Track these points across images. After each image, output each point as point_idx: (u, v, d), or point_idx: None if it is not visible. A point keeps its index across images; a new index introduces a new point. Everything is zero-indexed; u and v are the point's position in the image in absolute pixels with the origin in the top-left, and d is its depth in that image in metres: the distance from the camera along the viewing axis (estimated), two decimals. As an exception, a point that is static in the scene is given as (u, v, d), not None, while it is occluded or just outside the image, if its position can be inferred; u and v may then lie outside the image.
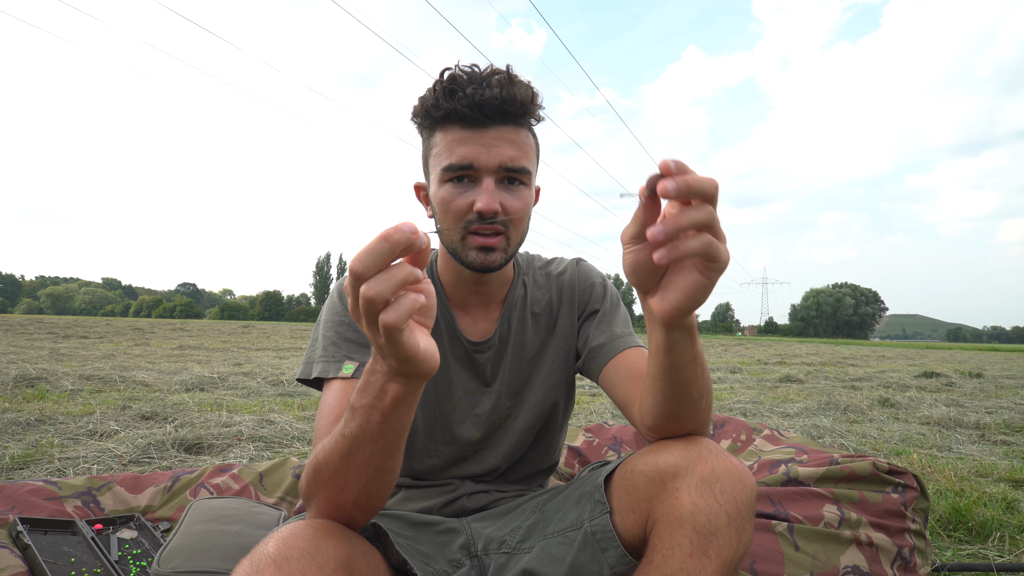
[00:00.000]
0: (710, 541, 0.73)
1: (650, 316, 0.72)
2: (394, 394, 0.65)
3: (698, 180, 0.58)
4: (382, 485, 0.75)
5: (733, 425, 2.21)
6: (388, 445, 0.70)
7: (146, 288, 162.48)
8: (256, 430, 3.11)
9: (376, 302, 0.56)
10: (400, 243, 0.55)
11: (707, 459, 0.77)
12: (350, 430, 0.70)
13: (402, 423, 0.69)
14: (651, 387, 0.81)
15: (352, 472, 0.72)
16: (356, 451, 0.70)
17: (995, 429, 3.84)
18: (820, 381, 7.18)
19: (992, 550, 1.70)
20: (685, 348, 0.73)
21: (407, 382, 0.64)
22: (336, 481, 0.73)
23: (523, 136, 0.95)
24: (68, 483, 1.57)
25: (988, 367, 11.10)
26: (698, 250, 0.60)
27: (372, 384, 0.67)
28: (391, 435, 0.69)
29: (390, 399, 0.66)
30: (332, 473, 0.73)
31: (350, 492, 0.74)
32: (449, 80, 0.91)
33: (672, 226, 0.59)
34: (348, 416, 0.70)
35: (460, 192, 0.93)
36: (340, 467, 0.72)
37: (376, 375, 0.66)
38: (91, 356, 7.63)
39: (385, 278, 0.56)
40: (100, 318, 50.98)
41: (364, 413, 0.68)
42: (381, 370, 0.65)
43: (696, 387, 0.79)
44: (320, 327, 1.03)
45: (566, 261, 1.19)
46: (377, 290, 0.55)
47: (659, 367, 0.76)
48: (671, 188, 0.57)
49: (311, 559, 0.67)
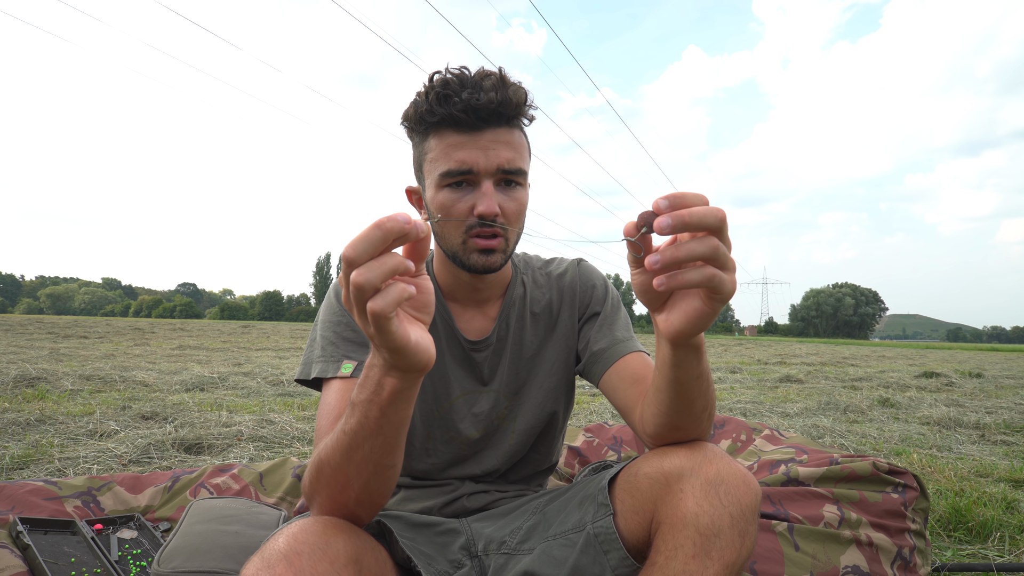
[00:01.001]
0: (713, 543, 0.74)
1: (657, 331, 0.73)
2: (391, 388, 0.66)
3: (698, 214, 0.56)
4: (383, 482, 0.75)
5: (733, 425, 2.21)
6: (387, 440, 0.71)
7: (146, 288, 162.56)
8: (256, 430, 3.11)
9: (365, 289, 0.56)
10: (393, 231, 0.55)
11: (712, 462, 0.78)
12: (350, 426, 0.71)
13: (400, 418, 0.70)
14: (654, 397, 0.81)
15: (353, 468, 0.73)
16: (356, 447, 0.71)
17: (995, 429, 3.84)
18: (820, 381, 7.18)
19: (992, 550, 1.70)
20: (690, 365, 0.74)
21: (403, 376, 0.65)
22: (338, 478, 0.74)
23: (517, 137, 0.96)
24: (68, 483, 1.57)
25: (988, 367, 11.10)
26: (698, 282, 0.59)
27: (370, 379, 0.68)
28: (390, 430, 0.70)
29: (387, 393, 0.66)
30: (333, 470, 0.74)
31: (352, 489, 0.74)
32: (441, 85, 0.91)
33: (668, 258, 0.58)
34: (348, 412, 0.71)
35: (459, 196, 0.93)
36: (341, 464, 0.73)
37: (374, 369, 0.67)
38: (91, 356, 7.63)
39: (375, 265, 0.56)
40: (100, 318, 50.99)
41: (363, 408, 0.69)
42: (378, 364, 0.66)
43: (700, 402, 0.79)
44: (318, 327, 1.03)
45: (567, 261, 1.19)
46: (366, 276, 0.55)
47: (664, 380, 0.77)
48: (665, 226, 0.56)
49: (322, 554, 0.68)
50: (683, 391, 0.77)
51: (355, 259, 0.55)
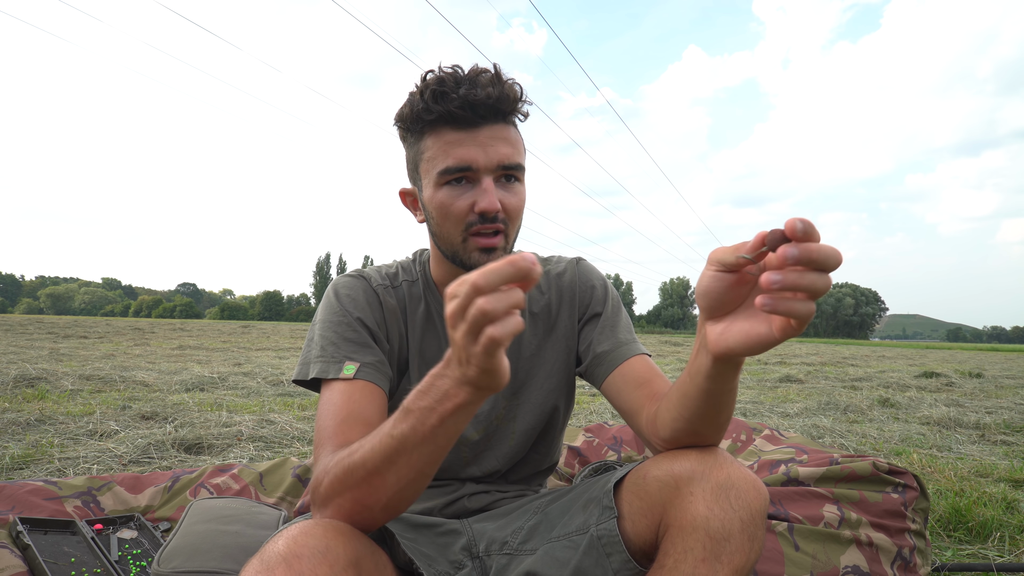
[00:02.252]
0: (723, 547, 0.74)
1: (702, 341, 0.72)
2: (458, 400, 0.67)
3: (823, 252, 0.57)
4: (417, 490, 0.75)
5: (733, 425, 2.21)
6: (436, 450, 0.71)
7: (146, 288, 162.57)
8: (256, 430, 3.11)
9: (490, 315, 0.59)
10: (523, 271, 0.59)
11: (723, 467, 0.78)
12: (399, 431, 0.71)
13: (455, 431, 0.70)
14: (679, 403, 0.81)
15: (393, 474, 0.72)
16: (403, 452, 0.71)
17: (995, 429, 3.84)
18: (820, 381, 7.18)
19: (992, 550, 1.70)
20: (727, 379, 0.74)
21: (475, 392, 0.66)
22: (373, 481, 0.73)
23: (514, 133, 0.96)
24: (68, 483, 1.57)
25: (988, 367, 11.10)
26: (801, 315, 0.59)
27: (436, 388, 0.68)
28: (442, 440, 0.70)
29: (452, 404, 0.67)
30: (369, 473, 0.73)
31: (385, 493, 0.74)
32: (437, 82, 0.91)
33: (790, 283, 0.58)
34: (399, 417, 0.71)
35: (459, 194, 0.93)
36: (381, 467, 0.72)
37: (443, 380, 0.67)
38: (91, 356, 7.64)
39: (503, 296, 0.59)
40: (100, 318, 50.98)
41: (420, 415, 0.69)
42: (452, 376, 0.67)
43: (726, 412, 0.79)
44: (317, 327, 1.01)
45: (565, 260, 1.18)
46: (494, 305, 0.58)
47: (696, 389, 0.76)
48: (792, 256, 0.56)
49: (321, 557, 0.68)
50: (713, 402, 0.77)
51: (484, 287, 0.58)
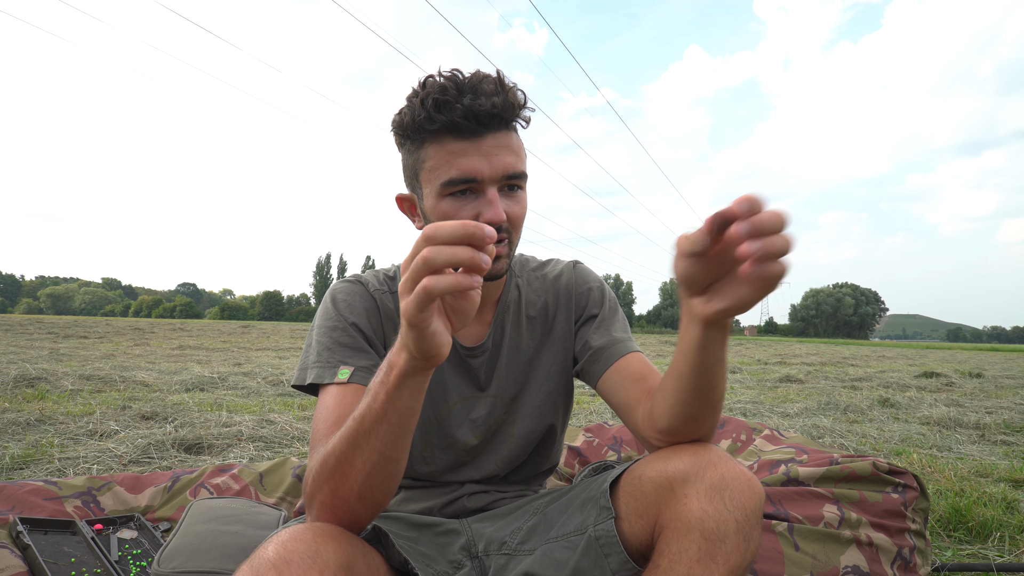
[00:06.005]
0: (718, 547, 0.73)
1: (689, 314, 0.74)
2: (399, 370, 0.70)
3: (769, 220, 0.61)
4: (386, 476, 0.76)
5: (733, 425, 2.21)
6: (391, 428, 0.73)
7: (146, 288, 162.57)
8: (256, 430, 3.11)
9: (430, 264, 0.61)
10: (474, 235, 0.60)
11: (717, 466, 0.78)
12: (359, 412, 0.74)
13: (404, 406, 0.72)
14: (674, 385, 0.81)
15: (359, 457, 0.74)
16: (362, 434, 0.74)
17: (995, 429, 3.84)
18: (820, 381, 7.18)
19: (992, 550, 1.70)
20: (717, 347, 0.75)
21: (411, 360, 0.68)
22: (343, 469, 0.75)
23: (516, 140, 0.94)
24: (68, 483, 1.57)
25: (988, 367, 11.10)
26: (778, 275, 0.63)
27: (386, 362, 0.72)
28: (394, 418, 0.72)
29: (395, 375, 0.70)
30: (339, 461, 0.76)
31: (355, 480, 0.75)
32: (439, 91, 0.88)
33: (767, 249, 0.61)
34: (361, 400, 0.75)
35: (463, 205, 0.91)
36: (348, 453, 0.75)
37: (390, 352, 0.72)
38: (91, 356, 7.64)
39: (447, 250, 0.61)
40: (100, 318, 50.97)
41: (372, 393, 0.73)
42: (395, 347, 0.71)
43: (719, 388, 0.80)
44: (314, 333, 1.02)
45: (562, 263, 1.17)
46: (434, 255, 0.60)
47: (688, 364, 0.77)
48: (744, 231, 0.60)
49: (311, 563, 0.67)
50: (707, 375, 0.77)
51: (432, 237, 0.61)
